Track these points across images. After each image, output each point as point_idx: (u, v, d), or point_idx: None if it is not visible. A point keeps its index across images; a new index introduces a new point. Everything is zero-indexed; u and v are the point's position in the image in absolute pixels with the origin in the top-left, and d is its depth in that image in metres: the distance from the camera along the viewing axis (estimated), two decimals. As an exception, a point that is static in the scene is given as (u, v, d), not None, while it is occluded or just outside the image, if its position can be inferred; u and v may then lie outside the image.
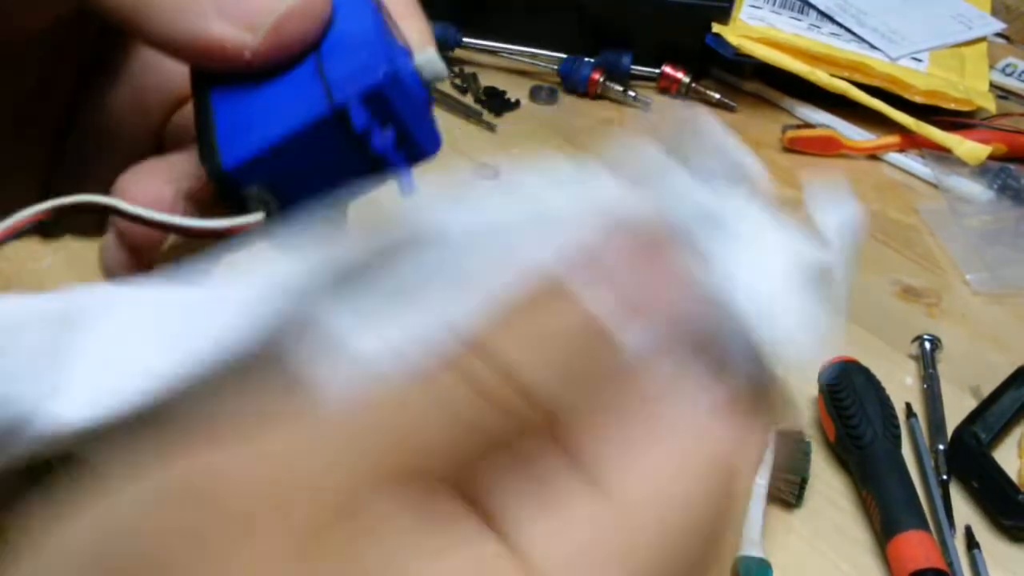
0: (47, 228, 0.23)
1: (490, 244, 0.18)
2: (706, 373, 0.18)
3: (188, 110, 0.26)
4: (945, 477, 0.48)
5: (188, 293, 0.20)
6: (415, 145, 0.23)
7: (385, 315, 0.18)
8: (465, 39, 0.80)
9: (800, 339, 0.18)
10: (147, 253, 0.26)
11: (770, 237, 0.19)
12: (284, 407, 0.16)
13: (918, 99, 0.77)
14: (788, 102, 0.80)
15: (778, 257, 0.18)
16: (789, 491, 0.45)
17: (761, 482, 0.45)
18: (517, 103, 0.77)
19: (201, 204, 0.25)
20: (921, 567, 0.41)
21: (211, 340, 0.18)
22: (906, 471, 0.46)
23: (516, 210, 0.19)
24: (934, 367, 0.54)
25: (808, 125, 0.77)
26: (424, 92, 0.24)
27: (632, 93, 0.78)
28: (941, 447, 0.49)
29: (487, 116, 0.74)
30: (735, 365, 0.18)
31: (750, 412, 0.18)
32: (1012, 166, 0.73)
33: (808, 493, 0.46)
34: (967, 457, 0.48)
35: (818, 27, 0.83)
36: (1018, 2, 0.95)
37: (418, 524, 0.15)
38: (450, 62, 0.81)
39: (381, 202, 0.23)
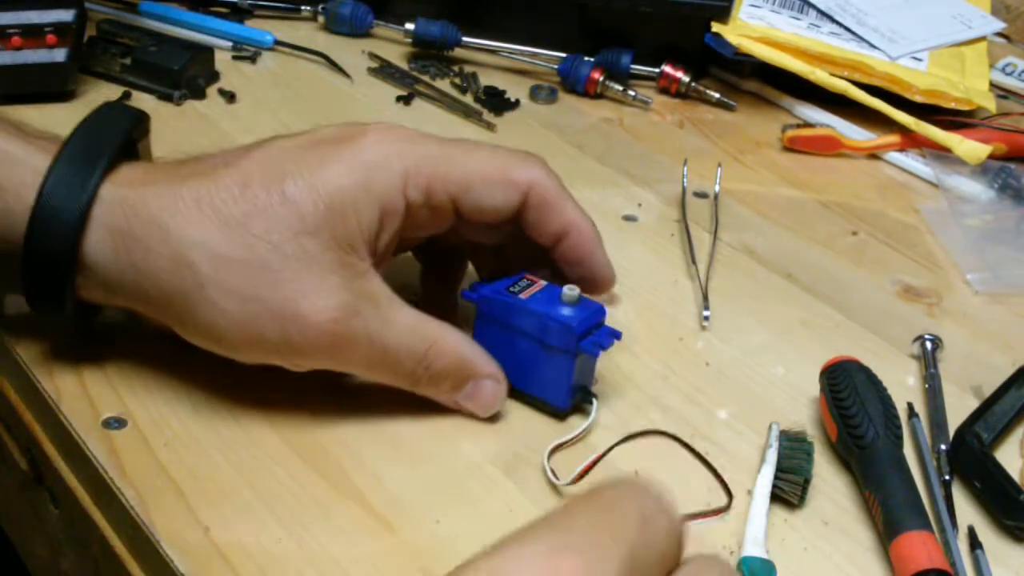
0: None
1: None
2: None
3: None
4: (947, 477, 0.48)
5: None
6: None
7: None
8: (465, 38, 0.80)
9: None
10: None
11: None
12: None
13: (918, 98, 0.77)
14: (788, 101, 0.80)
15: None
16: (792, 492, 0.45)
17: (764, 483, 0.45)
18: (517, 102, 0.76)
19: None
20: (924, 567, 0.41)
21: None
22: (908, 471, 0.46)
23: None
24: (935, 367, 0.54)
25: (808, 124, 0.77)
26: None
27: (632, 92, 0.78)
28: (943, 447, 0.49)
29: (487, 115, 0.74)
30: None
31: None
32: (1012, 165, 0.73)
33: (811, 493, 0.46)
34: (969, 457, 0.48)
35: (818, 26, 0.83)
36: (1018, 2, 0.95)
37: None
38: (450, 61, 0.81)
39: None
